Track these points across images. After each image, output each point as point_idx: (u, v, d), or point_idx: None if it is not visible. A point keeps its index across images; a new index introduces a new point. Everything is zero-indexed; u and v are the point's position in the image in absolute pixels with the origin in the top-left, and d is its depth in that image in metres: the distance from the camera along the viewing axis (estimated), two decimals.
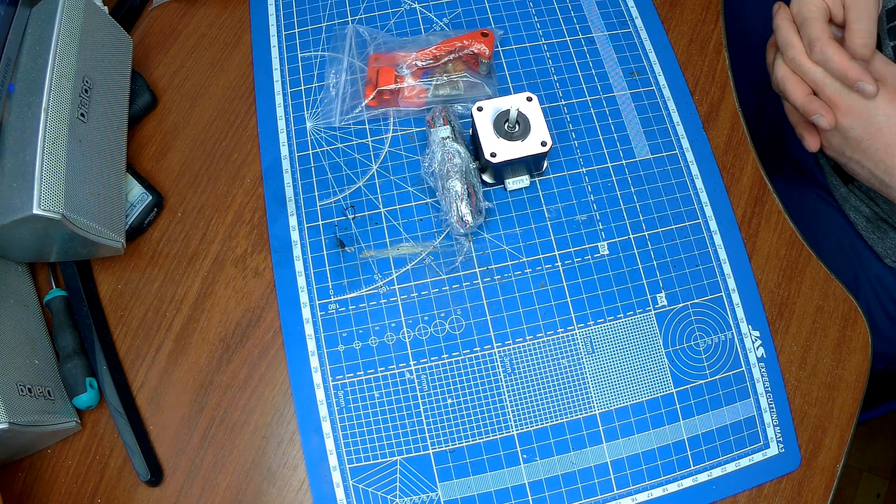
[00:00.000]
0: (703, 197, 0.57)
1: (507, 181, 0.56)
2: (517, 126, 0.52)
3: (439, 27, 0.62)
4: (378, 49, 0.59)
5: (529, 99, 0.53)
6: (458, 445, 0.50)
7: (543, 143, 0.52)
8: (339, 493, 0.49)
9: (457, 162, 0.52)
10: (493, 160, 0.51)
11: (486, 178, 0.56)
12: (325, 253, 0.55)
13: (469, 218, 0.52)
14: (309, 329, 0.52)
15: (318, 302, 0.53)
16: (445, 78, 0.57)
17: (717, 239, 0.55)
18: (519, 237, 0.55)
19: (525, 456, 0.50)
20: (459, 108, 0.57)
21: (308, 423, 0.50)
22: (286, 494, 0.49)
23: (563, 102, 0.59)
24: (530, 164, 0.54)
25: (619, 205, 0.56)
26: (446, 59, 0.57)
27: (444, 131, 0.53)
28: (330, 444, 0.50)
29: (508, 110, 0.52)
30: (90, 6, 0.53)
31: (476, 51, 0.57)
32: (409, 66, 0.57)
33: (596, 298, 0.53)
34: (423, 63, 0.57)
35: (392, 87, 0.57)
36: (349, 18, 0.62)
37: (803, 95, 0.51)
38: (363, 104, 0.58)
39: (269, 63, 0.61)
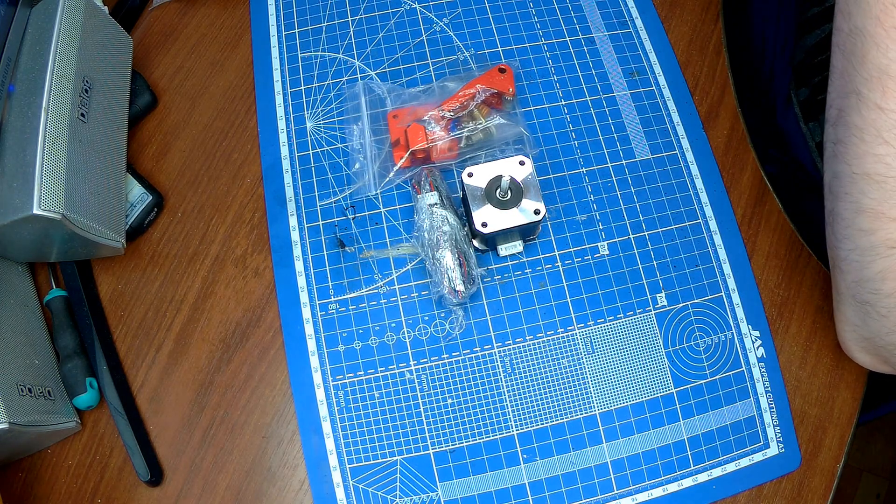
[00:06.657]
0: (703, 197, 0.57)
1: (499, 247, 0.53)
2: (509, 193, 0.49)
3: (440, 27, 0.62)
4: (395, 103, 0.57)
5: (522, 163, 0.50)
6: (458, 445, 0.50)
7: (537, 212, 0.49)
8: (340, 493, 0.49)
9: (446, 230, 0.50)
10: (485, 230, 0.48)
11: (476, 244, 0.53)
12: (325, 253, 0.55)
13: (462, 287, 0.50)
14: (309, 329, 0.53)
15: (318, 302, 0.53)
16: (479, 126, 0.54)
17: (717, 239, 0.55)
18: None
19: (525, 456, 0.50)
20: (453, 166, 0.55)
21: (308, 422, 0.50)
22: (286, 494, 0.49)
23: (563, 102, 0.59)
24: (524, 231, 0.52)
25: (619, 205, 0.56)
26: (470, 104, 0.54)
27: (432, 197, 0.50)
28: (330, 444, 0.50)
29: (500, 177, 0.49)
30: (90, 6, 0.53)
31: (499, 89, 0.55)
32: (437, 119, 0.54)
33: (596, 298, 0.53)
34: (451, 114, 0.54)
35: (425, 145, 0.54)
36: (349, 18, 0.62)
37: None
38: (395, 167, 0.55)
39: (269, 63, 0.61)
